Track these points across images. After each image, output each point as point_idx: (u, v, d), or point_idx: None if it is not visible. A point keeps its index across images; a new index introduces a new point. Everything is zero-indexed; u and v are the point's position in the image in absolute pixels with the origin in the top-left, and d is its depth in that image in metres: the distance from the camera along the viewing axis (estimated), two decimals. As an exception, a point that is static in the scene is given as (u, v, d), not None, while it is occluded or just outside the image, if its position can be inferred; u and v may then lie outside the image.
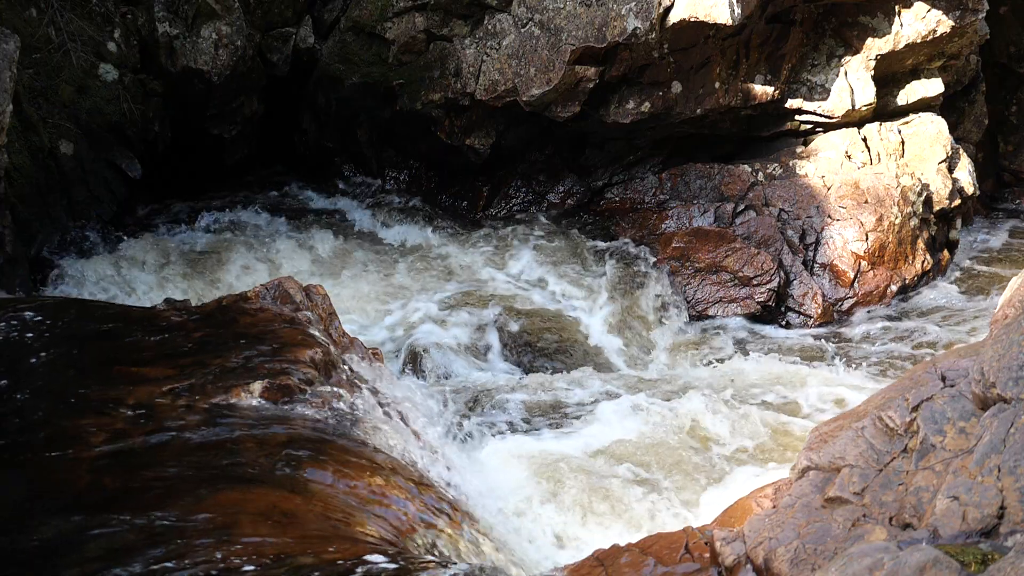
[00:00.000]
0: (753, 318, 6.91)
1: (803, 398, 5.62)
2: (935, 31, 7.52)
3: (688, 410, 5.31)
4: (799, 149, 7.76)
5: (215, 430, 3.44)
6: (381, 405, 3.99)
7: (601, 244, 7.36)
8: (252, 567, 2.65)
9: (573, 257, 7.20)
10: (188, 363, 3.80)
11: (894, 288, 7.23)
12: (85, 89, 6.68)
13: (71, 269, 6.34)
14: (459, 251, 7.14)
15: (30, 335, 3.98)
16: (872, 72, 7.55)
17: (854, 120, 7.70)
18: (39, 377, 3.66)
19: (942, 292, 7.42)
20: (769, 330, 6.84)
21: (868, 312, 7.09)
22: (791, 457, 4.43)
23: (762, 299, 6.95)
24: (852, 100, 7.54)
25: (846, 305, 7.12)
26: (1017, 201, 9.61)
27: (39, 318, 4.07)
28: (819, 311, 6.98)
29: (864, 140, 7.65)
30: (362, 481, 3.28)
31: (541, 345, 6.28)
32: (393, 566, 2.72)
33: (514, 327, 6.31)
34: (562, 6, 6.88)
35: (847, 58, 7.56)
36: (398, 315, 6.35)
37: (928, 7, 7.48)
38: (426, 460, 3.89)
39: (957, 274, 7.80)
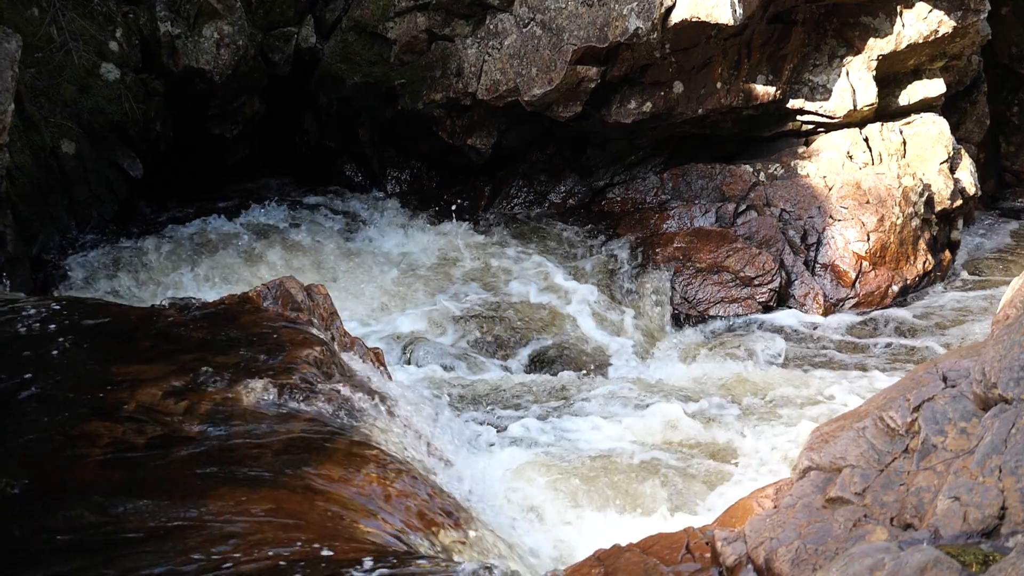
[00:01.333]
0: (754, 318, 6.91)
1: (804, 398, 5.62)
2: (937, 31, 7.52)
3: (689, 410, 5.31)
4: (800, 149, 7.75)
5: (217, 429, 3.44)
6: (382, 404, 3.99)
7: (602, 244, 7.36)
8: (253, 566, 2.65)
9: (574, 257, 7.20)
10: (190, 362, 3.80)
11: (895, 288, 7.22)
12: (87, 88, 6.68)
13: (72, 268, 6.34)
14: (460, 251, 7.14)
15: (31, 334, 3.98)
16: (874, 72, 7.55)
17: (856, 120, 7.69)
18: (41, 376, 3.66)
19: (943, 292, 7.42)
20: (769, 330, 6.83)
21: (869, 312, 7.09)
22: (792, 457, 4.43)
23: (763, 299, 6.95)
24: (854, 100, 7.54)
25: (848, 305, 7.12)
26: (1019, 201, 9.61)
27: (40, 317, 4.08)
28: (820, 311, 6.98)
29: (866, 140, 7.64)
30: (364, 480, 3.28)
31: (542, 345, 6.28)
32: (396, 565, 2.72)
33: (515, 327, 6.31)
34: (564, 6, 6.88)
35: (849, 58, 7.56)
36: (399, 315, 6.35)
37: (930, 8, 7.47)
38: (428, 459, 3.90)
39: (959, 275, 7.80)
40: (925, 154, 7.70)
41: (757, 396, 5.64)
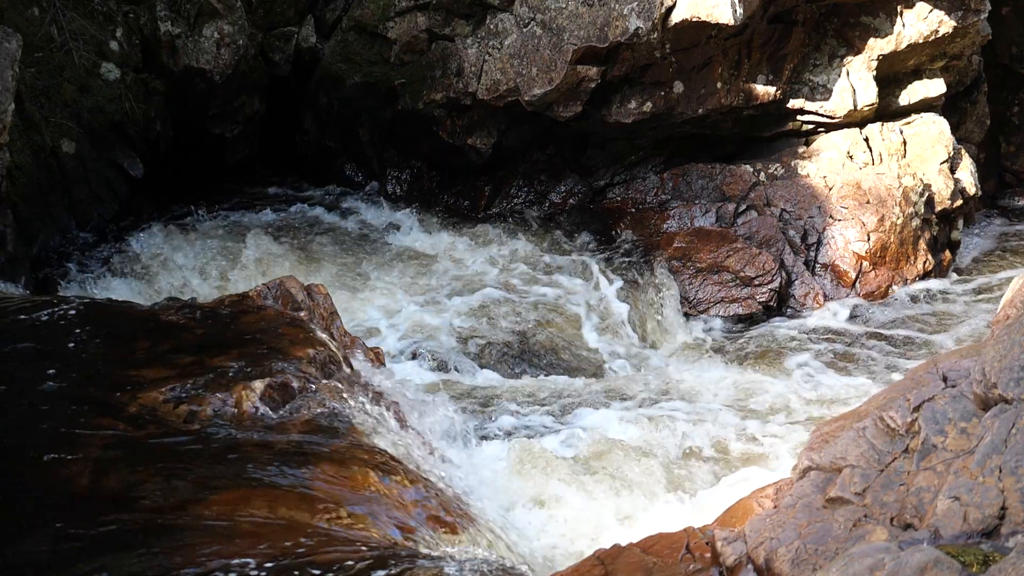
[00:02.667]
0: (754, 318, 6.91)
1: (804, 398, 5.62)
2: (937, 31, 7.52)
3: (689, 410, 5.32)
4: (801, 149, 7.75)
5: (217, 430, 3.44)
6: (382, 404, 3.99)
7: (602, 244, 7.36)
8: (253, 568, 2.65)
9: (574, 257, 7.19)
10: (189, 362, 3.80)
11: (895, 288, 7.23)
12: (87, 88, 6.68)
13: (72, 268, 6.34)
14: (460, 251, 7.14)
15: (30, 334, 3.98)
16: (874, 72, 7.55)
17: (856, 120, 7.69)
18: (40, 377, 3.66)
19: (943, 293, 7.41)
20: (770, 330, 6.83)
21: (869, 312, 7.08)
22: (792, 457, 4.43)
23: (764, 299, 6.95)
24: (854, 100, 7.54)
25: (848, 305, 7.11)
26: (1019, 201, 9.61)
27: (40, 317, 4.08)
28: (820, 311, 6.97)
29: (866, 140, 7.64)
30: (364, 480, 3.28)
31: (542, 347, 6.28)
32: (395, 564, 2.72)
33: (515, 328, 6.31)
34: (564, 6, 6.88)
35: (849, 58, 7.56)
36: (399, 315, 6.35)
37: (930, 7, 7.47)
38: (427, 459, 3.90)
39: (959, 275, 7.79)
40: (925, 154, 7.69)
41: (755, 395, 5.63)
